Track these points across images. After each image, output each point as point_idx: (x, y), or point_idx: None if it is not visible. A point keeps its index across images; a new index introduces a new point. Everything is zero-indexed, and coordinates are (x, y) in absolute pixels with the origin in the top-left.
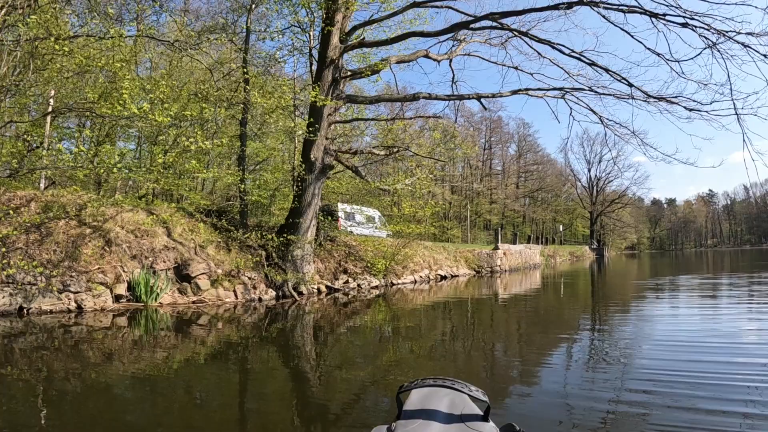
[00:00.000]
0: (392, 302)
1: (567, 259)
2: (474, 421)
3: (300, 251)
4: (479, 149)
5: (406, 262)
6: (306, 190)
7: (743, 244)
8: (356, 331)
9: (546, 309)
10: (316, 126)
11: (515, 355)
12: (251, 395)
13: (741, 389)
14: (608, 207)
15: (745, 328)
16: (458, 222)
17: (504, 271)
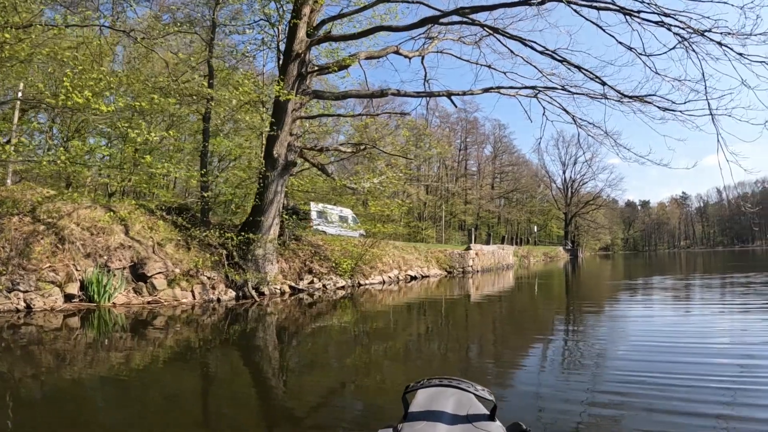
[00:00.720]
0: (359, 303)
1: (541, 260)
2: (480, 420)
3: (262, 250)
4: (455, 150)
5: (374, 262)
6: (268, 188)
7: (716, 245)
8: (321, 333)
9: (519, 310)
10: (280, 122)
11: (488, 357)
12: (213, 399)
13: (715, 391)
14: (583, 208)
15: (718, 329)
16: (433, 222)
17: (476, 272)
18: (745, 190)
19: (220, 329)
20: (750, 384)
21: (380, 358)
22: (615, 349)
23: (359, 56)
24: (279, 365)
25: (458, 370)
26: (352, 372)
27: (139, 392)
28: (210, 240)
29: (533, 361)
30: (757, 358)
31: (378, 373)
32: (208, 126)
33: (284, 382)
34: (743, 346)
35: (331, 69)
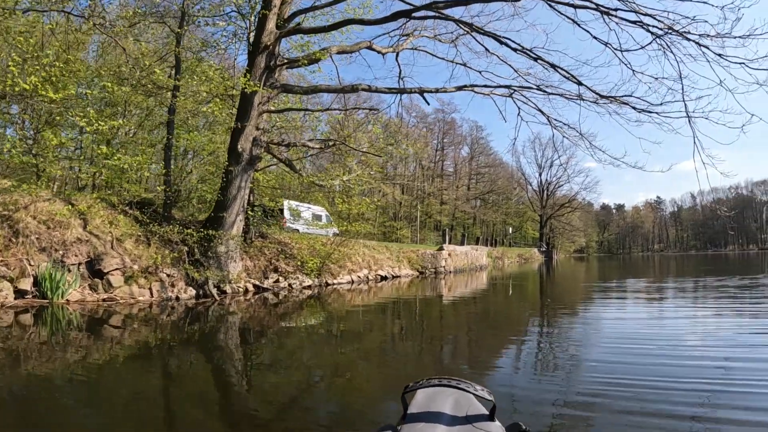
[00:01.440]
0: (327, 303)
1: (515, 261)
2: (480, 420)
3: (224, 247)
4: (431, 150)
5: (343, 261)
6: (231, 183)
7: (689, 249)
8: (287, 333)
9: (493, 311)
10: (246, 115)
11: (460, 359)
12: (177, 401)
13: (689, 393)
14: (558, 211)
15: (692, 331)
16: (408, 222)
17: (449, 272)
18: (718, 196)
19: (181, 329)
20: (725, 386)
21: (349, 359)
22: (589, 351)
23: (331, 51)
24: (244, 366)
25: (431, 372)
26: (320, 373)
27: (97, 394)
28: (171, 236)
29: (506, 363)
30: (732, 360)
31: (347, 374)
32: (173, 118)
33: (250, 383)
34: (718, 348)
35: (300, 62)
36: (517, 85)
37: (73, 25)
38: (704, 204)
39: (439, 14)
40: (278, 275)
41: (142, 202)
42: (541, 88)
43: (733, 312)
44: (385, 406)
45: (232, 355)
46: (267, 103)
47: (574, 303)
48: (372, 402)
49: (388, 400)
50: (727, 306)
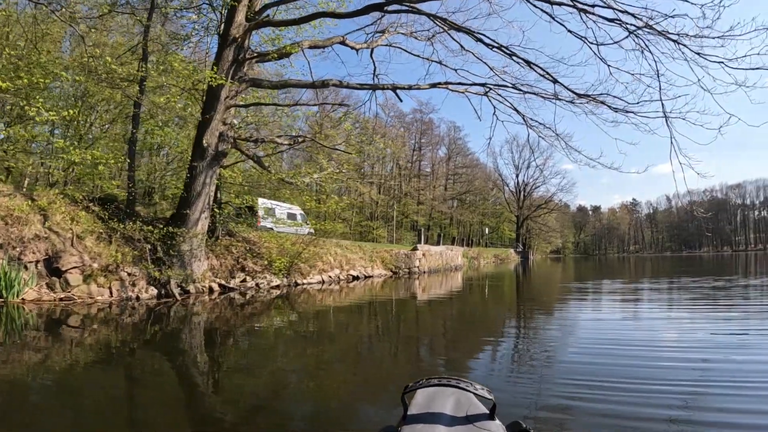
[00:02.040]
0: (296, 303)
1: (491, 261)
2: (480, 419)
3: (188, 246)
4: (409, 150)
5: (313, 260)
6: (196, 179)
7: (664, 250)
8: (255, 335)
9: (468, 312)
10: (212, 109)
11: (433, 360)
12: (141, 404)
13: (666, 395)
14: (534, 212)
15: (667, 332)
16: (385, 222)
17: (423, 273)
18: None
19: (143, 329)
20: (701, 387)
21: (319, 361)
22: (564, 352)
23: (302, 45)
24: (210, 368)
25: (404, 374)
26: (289, 375)
27: (56, 398)
28: (132, 233)
29: (481, 365)
30: (709, 362)
31: (317, 376)
32: (138, 112)
33: (217, 385)
34: (694, 349)
35: (270, 56)
36: (493, 83)
37: (39, 15)
38: (679, 206)
39: (412, 8)
40: (245, 275)
41: (105, 198)
42: (516, 86)
43: (708, 313)
44: (358, 408)
45: (198, 357)
46: (235, 97)
47: (550, 304)
48: (345, 405)
49: (362, 403)
50: (703, 307)
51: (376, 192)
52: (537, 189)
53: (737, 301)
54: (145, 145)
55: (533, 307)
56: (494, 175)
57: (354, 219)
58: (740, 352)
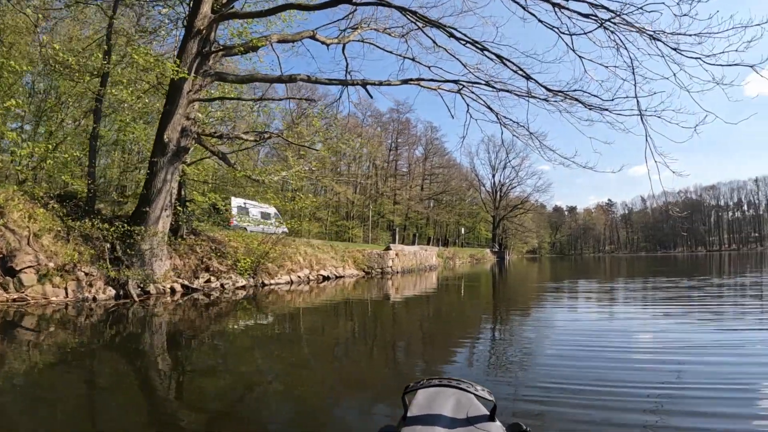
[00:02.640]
0: (263, 304)
1: (467, 262)
2: (480, 421)
3: (148, 245)
4: (385, 149)
5: (281, 260)
6: (156, 175)
7: (639, 250)
8: (219, 337)
9: (443, 312)
10: (174, 103)
11: (404, 363)
12: (101, 409)
13: (641, 399)
14: (511, 212)
15: (643, 333)
16: (361, 222)
17: (396, 273)
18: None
19: (101, 332)
20: (677, 391)
21: (287, 364)
22: (539, 355)
23: (271, 39)
24: (172, 372)
25: (376, 378)
26: (256, 378)
27: (11, 403)
28: (89, 231)
29: (455, 369)
30: (685, 364)
31: (285, 379)
32: (100, 107)
33: (180, 389)
34: (670, 350)
35: (237, 50)
36: (466, 80)
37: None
38: (654, 207)
39: (382, 2)
40: (210, 275)
41: (64, 195)
42: (489, 83)
43: (683, 313)
44: (328, 414)
45: (158, 360)
46: (199, 91)
47: (525, 304)
48: (314, 410)
49: (333, 408)
50: (678, 306)
51: (352, 191)
52: (513, 189)
53: (712, 301)
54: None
55: (509, 307)
56: (471, 175)
57: (329, 219)
58: (716, 351)
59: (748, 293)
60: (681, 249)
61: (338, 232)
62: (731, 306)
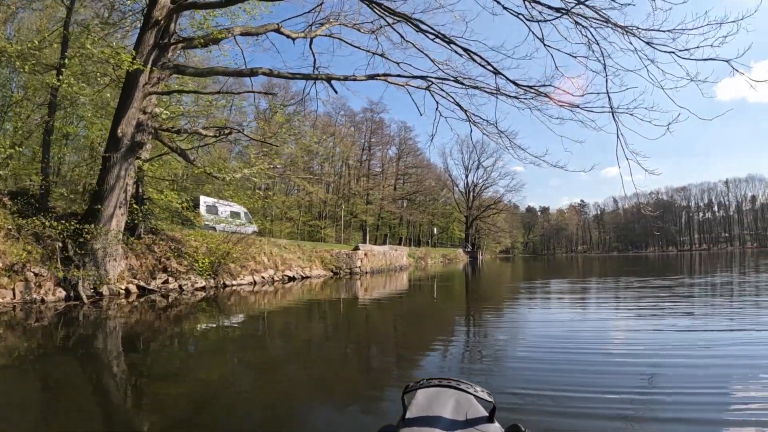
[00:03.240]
0: (224, 306)
1: (439, 262)
2: (479, 422)
3: (101, 244)
4: (358, 149)
5: (245, 260)
6: (109, 171)
7: (611, 250)
8: (176, 341)
9: (413, 314)
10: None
11: (374, 365)
12: (57, 415)
13: (615, 403)
14: (484, 212)
15: (614, 333)
16: (333, 222)
17: (365, 273)
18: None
19: (49, 335)
20: (652, 395)
21: (248, 368)
22: (511, 357)
23: (234, 31)
24: (128, 377)
25: (343, 383)
26: (215, 384)
27: None
28: (39, 230)
29: (424, 374)
30: (659, 367)
31: (247, 384)
32: (54, 100)
33: (137, 395)
34: (642, 351)
35: (197, 42)
36: (434, 76)
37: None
38: (626, 207)
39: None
40: (168, 275)
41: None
42: (458, 80)
43: (655, 312)
44: (294, 421)
45: (112, 366)
46: (157, 84)
47: (498, 304)
48: (278, 417)
49: (299, 415)
50: (650, 306)
51: (324, 191)
52: (486, 190)
53: (682, 300)
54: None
55: (481, 307)
56: (444, 175)
57: (302, 218)
58: (690, 352)
59: (718, 293)
60: (652, 249)
61: (310, 232)
62: (702, 306)
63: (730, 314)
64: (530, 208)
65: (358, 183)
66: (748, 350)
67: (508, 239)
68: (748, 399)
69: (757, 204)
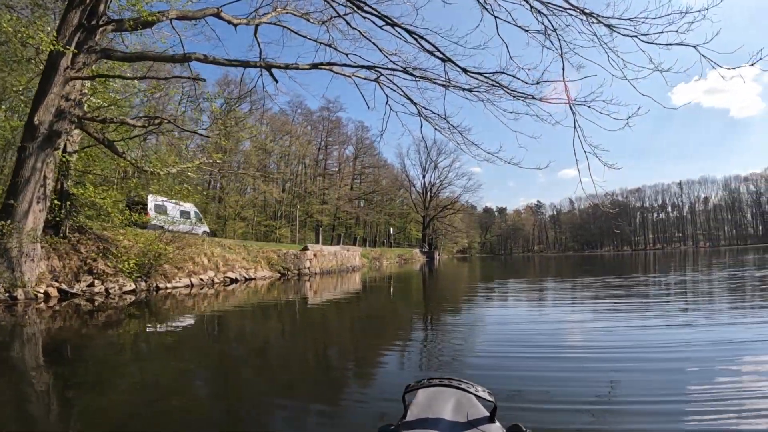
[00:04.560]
0: (157, 311)
1: (395, 262)
2: (480, 422)
3: (16, 243)
4: (315, 148)
5: (183, 261)
6: (25, 163)
7: (567, 250)
8: (97, 348)
9: (365, 316)
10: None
11: (324, 368)
12: None
13: (575, 409)
14: (441, 212)
15: (572, 335)
16: (288, 222)
17: (314, 275)
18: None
19: None
20: (612, 405)
21: (182, 376)
22: (466, 365)
23: (169, 15)
24: (53, 387)
25: (288, 387)
26: (149, 393)
27: None
28: None
29: (360, 387)
30: (620, 372)
31: (180, 390)
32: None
33: (67, 406)
34: (602, 355)
35: (127, 25)
36: (382, 66)
37: None
38: (582, 208)
39: None
40: (93, 278)
41: None
42: (408, 70)
43: (613, 314)
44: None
45: (34, 377)
46: (82, 69)
47: (454, 306)
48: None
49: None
50: (607, 307)
51: (279, 190)
52: (443, 190)
53: (637, 300)
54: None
55: (438, 309)
56: (401, 175)
57: (256, 218)
58: (651, 353)
59: (672, 291)
60: (608, 248)
61: (266, 232)
62: (656, 304)
63: (684, 314)
64: (487, 209)
65: (314, 182)
66: (703, 351)
67: (465, 239)
68: (704, 401)
69: (710, 205)
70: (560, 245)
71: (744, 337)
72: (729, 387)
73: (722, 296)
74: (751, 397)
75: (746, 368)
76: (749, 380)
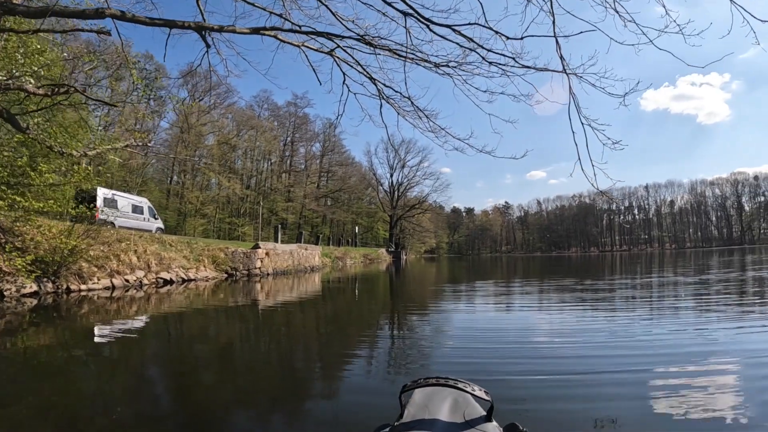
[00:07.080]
0: (66, 317)
1: (360, 262)
2: (477, 421)
3: None
4: (280, 144)
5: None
6: None
7: (534, 251)
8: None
9: (325, 321)
10: None
11: (284, 373)
12: None
13: (566, 400)
14: (408, 212)
15: (542, 334)
16: (252, 219)
17: (267, 275)
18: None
19: None
20: (593, 412)
21: (97, 393)
22: (432, 364)
23: None
24: None
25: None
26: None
27: None
28: None
29: (342, 386)
30: (599, 375)
31: (106, 407)
32: None
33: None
34: (604, 355)
35: None
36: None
37: None
38: (549, 210)
39: None
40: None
41: None
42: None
43: (585, 314)
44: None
45: None
46: None
47: (421, 308)
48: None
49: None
50: (580, 308)
51: (242, 186)
52: (411, 189)
53: (607, 302)
54: None
55: (404, 312)
56: (369, 174)
57: (217, 215)
58: (611, 362)
59: (638, 294)
60: (575, 250)
61: (228, 229)
62: (623, 303)
63: (649, 318)
64: (455, 209)
65: (279, 180)
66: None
67: (433, 239)
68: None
69: (676, 208)
70: (528, 246)
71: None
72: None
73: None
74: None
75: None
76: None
